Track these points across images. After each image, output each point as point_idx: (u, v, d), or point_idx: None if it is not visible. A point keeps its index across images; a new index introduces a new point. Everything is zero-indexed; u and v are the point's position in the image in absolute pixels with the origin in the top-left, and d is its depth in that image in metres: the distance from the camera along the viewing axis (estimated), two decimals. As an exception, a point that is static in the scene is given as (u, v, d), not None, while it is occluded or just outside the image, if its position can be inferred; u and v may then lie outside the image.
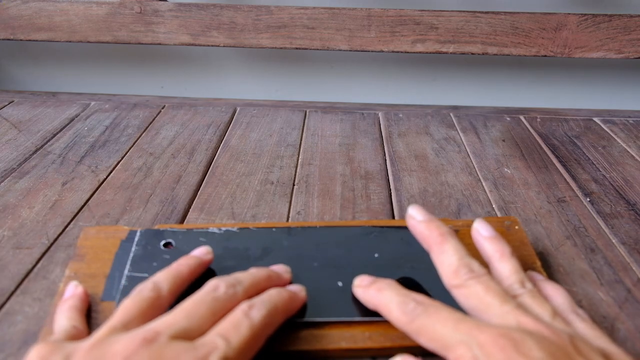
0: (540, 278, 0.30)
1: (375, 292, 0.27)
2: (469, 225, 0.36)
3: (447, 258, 0.27)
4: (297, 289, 0.29)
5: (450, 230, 0.29)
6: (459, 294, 0.26)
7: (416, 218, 0.30)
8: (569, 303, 0.27)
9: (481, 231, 0.30)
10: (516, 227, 0.36)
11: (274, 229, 0.35)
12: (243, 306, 0.25)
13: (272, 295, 0.26)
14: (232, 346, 0.23)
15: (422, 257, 0.32)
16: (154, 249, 0.32)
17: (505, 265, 0.28)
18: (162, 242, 0.33)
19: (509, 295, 0.25)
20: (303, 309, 0.28)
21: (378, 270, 0.31)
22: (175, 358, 0.22)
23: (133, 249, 0.32)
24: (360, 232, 0.35)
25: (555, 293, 0.28)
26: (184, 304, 0.25)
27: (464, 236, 0.35)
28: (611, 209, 0.43)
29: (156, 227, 0.35)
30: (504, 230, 0.35)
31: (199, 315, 0.24)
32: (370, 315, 0.28)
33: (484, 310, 0.25)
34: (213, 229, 0.34)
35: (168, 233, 0.34)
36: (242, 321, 0.24)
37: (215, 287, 0.26)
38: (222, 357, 0.22)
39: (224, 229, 0.34)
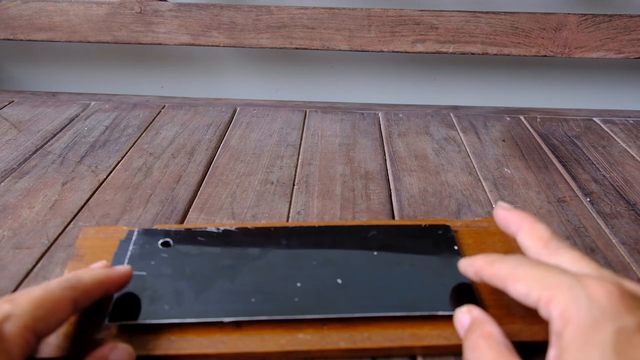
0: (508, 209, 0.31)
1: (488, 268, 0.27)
2: (468, 226, 0.36)
3: (538, 232, 0.28)
4: (118, 267, 0.29)
5: None
6: (549, 261, 0.27)
7: (506, 208, 0.31)
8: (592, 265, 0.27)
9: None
10: None
11: (272, 229, 0.35)
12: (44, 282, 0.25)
13: (78, 272, 0.27)
14: (17, 304, 0.23)
15: (420, 255, 0.32)
16: (152, 248, 0.33)
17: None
18: (160, 241, 0.33)
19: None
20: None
21: (377, 268, 0.31)
22: None
23: (131, 248, 0.33)
24: (359, 231, 0.35)
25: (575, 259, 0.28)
26: None
27: (463, 236, 0.35)
28: (611, 209, 0.43)
29: (155, 227, 0.35)
30: (503, 232, 0.35)
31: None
32: (370, 312, 0.28)
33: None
34: (211, 229, 0.34)
35: (166, 232, 0.34)
36: (36, 287, 0.24)
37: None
38: (3, 315, 0.22)
39: (222, 228, 0.34)
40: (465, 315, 0.26)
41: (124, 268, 0.29)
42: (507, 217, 0.30)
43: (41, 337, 0.23)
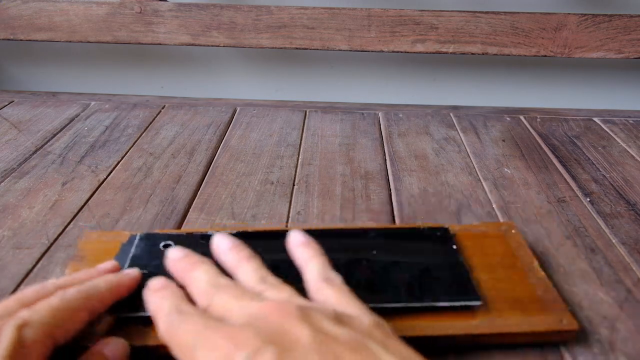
0: (298, 242, 0.31)
1: (154, 299, 0.27)
2: (466, 230, 0.36)
3: (197, 281, 0.27)
4: (128, 271, 0.29)
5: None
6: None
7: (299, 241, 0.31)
8: (320, 271, 0.28)
9: (220, 245, 0.30)
10: (512, 231, 0.36)
11: (271, 233, 0.35)
12: (59, 290, 0.26)
13: (94, 280, 0.27)
14: (37, 311, 0.23)
15: (418, 258, 0.32)
16: (154, 250, 0.33)
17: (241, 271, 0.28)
18: (162, 244, 0.33)
19: (248, 293, 0.26)
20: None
21: (375, 270, 0.31)
22: None
23: (132, 250, 0.33)
24: (358, 234, 0.35)
25: (307, 264, 0.28)
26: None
27: (461, 240, 0.35)
28: (611, 209, 0.43)
29: (157, 231, 0.35)
30: (501, 235, 0.36)
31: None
32: (369, 304, 0.28)
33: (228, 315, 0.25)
34: (212, 232, 0.35)
35: (168, 236, 0.34)
36: (54, 297, 0.25)
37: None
38: (23, 321, 0.22)
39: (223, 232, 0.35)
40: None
41: (133, 272, 0.29)
42: (173, 270, 0.29)
43: (58, 344, 0.24)
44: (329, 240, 0.34)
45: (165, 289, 0.27)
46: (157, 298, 0.26)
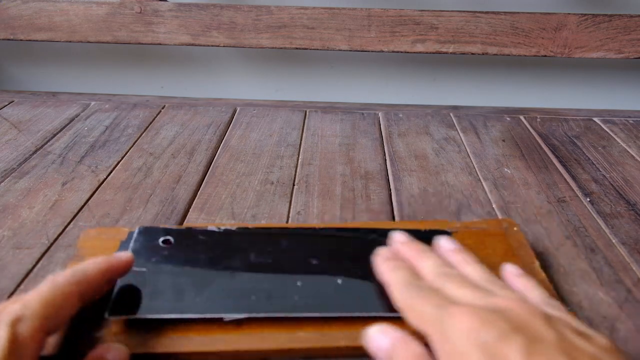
0: (516, 272, 0.31)
1: (388, 267, 0.29)
2: (467, 227, 0.36)
3: (424, 269, 0.29)
4: (119, 254, 0.29)
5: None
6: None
7: (401, 241, 0.32)
8: (542, 296, 0.28)
9: (445, 245, 0.32)
10: (514, 229, 0.36)
11: (272, 229, 0.35)
12: (49, 276, 0.25)
13: (83, 264, 0.27)
14: (28, 304, 0.23)
15: None
16: (153, 246, 0.33)
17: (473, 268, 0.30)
18: (161, 239, 0.33)
19: (479, 287, 0.27)
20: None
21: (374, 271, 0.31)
22: None
23: (131, 245, 0.33)
24: (359, 233, 0.35)
25: (528, 287, 0.29)
26: None
27: (462, 237, 0.35)
28: (611, 209, 0.43)
29: (156, 225, 0.35)
30: (503, 232, 0.36)
31: None
32: (371, 312, 0.28)
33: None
34: (212, 228, 0.34)
35: (167, 230, 0.34)
36: (43, 284, 0.25)
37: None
38: (15, 316, 0.22)
39: (223, 227, 0.35)
40: (382, 336, 0.25)
41: (125, 254, 0.29)
42: (401, 251, 0.31)
43: (51, 334, 0.24)
44: (327, 239, 0.35)
45: (395, 259, 0.30)
46: (390, 268, 0.29)
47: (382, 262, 0.30)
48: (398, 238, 0.32)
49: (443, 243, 0.32)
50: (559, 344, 0.21)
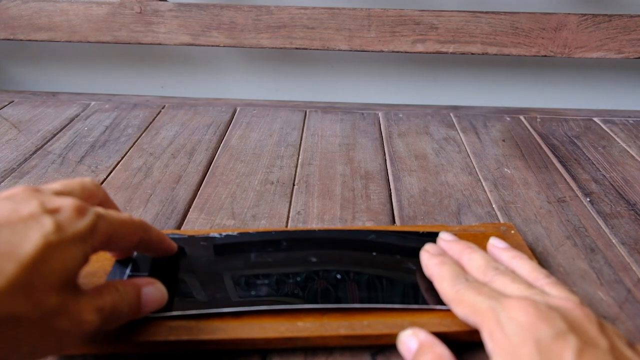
0: (502, 246, 0.32)
1: (434, 263, 0.30)
2: (465, 230, 0.36)
3: (476, 262, 0.30)
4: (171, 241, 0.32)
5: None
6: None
7: (447, 239, 0.33)
8: (534, 268, 0.29)
9: (496, 244, 0.33)
10: (512, 232, 0.36)
11: (273, 232, 0.35)
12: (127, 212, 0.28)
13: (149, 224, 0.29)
14: (110, 215, 0.25)
15: (417, 258, 0.32)
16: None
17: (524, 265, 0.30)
18: None
19: (526, 283, 0.28)
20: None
21: (375, 268, 0.31)
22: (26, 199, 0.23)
23: (135, 252, 0.33)
24: (358, 235, 0.35)
25: (516, 260, 0.30)
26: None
27: (462, 239, 0.35)
28: (611, 209, 0.43)
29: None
30: (501, 235, 0.36)
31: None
32: (369, 304, 0.28)
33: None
34: (214, 234, 0.35)
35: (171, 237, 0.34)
36: (125, 213, 0.27)
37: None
38: (99, 213, 0.24)
39: (224, 234, 0.35)
40: (412, 339, 0.26)
41: (174, 243, 0.32)
42: (448, 248, 0.32)
43: (105, 250, 0.27)
44: (327, 239, 0.35)
45: (442, 255, 0.31)
46: (436, 263, 0.30)
47: (430, 258, 0.31)
48: (445, 237, 0.33)
49: (492, 241, 0.33)
50: (611, 352, 0.22)
